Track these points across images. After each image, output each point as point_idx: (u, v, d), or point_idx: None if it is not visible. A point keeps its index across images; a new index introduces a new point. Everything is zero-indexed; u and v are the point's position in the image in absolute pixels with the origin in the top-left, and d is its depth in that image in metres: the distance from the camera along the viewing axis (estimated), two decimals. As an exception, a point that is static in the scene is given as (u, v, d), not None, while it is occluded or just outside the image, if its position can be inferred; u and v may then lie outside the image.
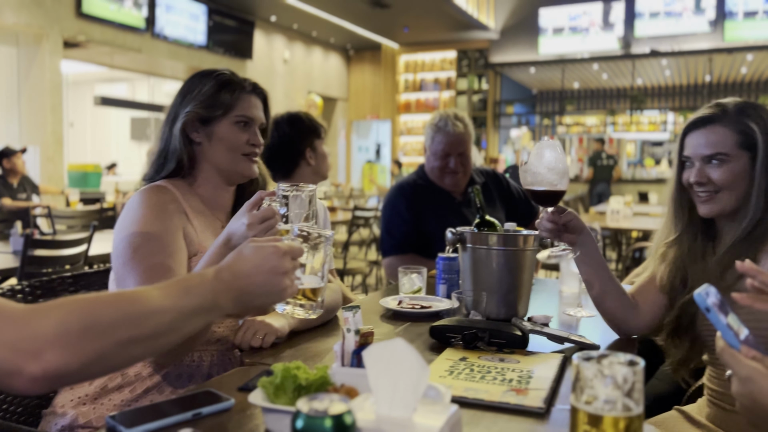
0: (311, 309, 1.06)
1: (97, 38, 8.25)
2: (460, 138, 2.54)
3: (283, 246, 0.94)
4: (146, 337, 0.81)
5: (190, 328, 0.87)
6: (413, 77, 13.57)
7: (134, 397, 1.27)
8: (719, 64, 11.41)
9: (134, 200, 1.34)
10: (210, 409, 0.94)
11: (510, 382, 1.09)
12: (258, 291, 0.91)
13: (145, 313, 0.82)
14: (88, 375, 0.80)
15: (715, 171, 1.35)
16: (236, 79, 1.45)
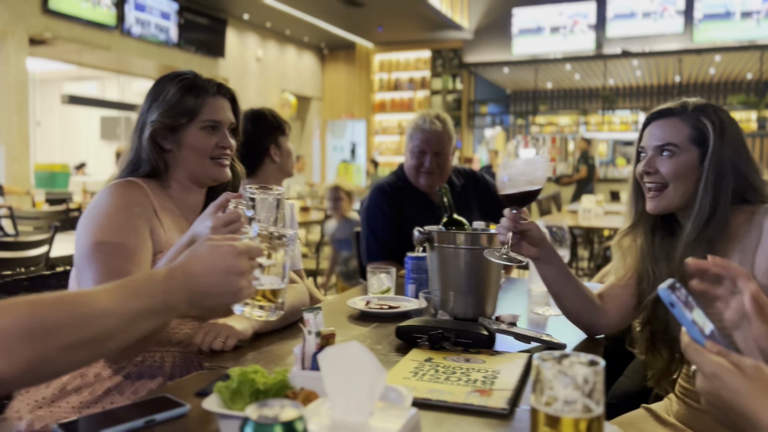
0: (271, 311, 1.02)
1: (65, 35, 8.08)
2: (438, 137, 2.47)
3: (240, 245, 0.91)
4: (90, 341, 0.78)
5: (138, 330, 0.83)
6: (388, 77, 13.56)
7: (94, 399, 1.23)
8: (688, 64, 11.60)
9: (102, 195, 1.32)
10: (164, 415, 0.91)
11: (474, 382, 1.07)
12: (212, 291, 0.88)
13: (88, 315, 0.79)
14: (29, 380, 0.77)
15: (664, 163, 1.37)
16: (200, 83, 1.43)
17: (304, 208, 6.39)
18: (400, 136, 13.57)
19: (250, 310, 1.01)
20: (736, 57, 11.02)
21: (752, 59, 11.06)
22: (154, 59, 9.49)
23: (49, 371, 0.78)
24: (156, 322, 0.86)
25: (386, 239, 2.51)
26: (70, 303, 0.79)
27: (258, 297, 1.00)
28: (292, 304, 1.45)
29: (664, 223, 1.45)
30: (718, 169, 1.33)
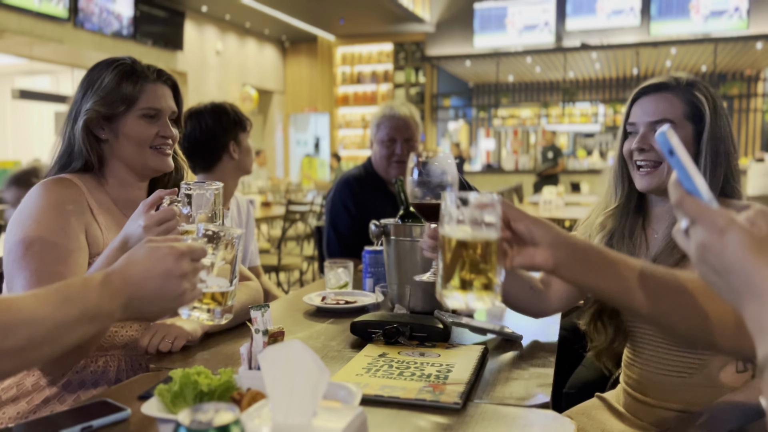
0: (218, 314, 0.98)
1: (14, 28, 7.80)
2: (406, 122, 2.50)
3: (182, 246, 0.87)
4: (18, 349, 0.74)
5: (71, 337, 0.79)
6: (350, 70, 13.48)
7: (31, 409, 1.17)
8: (645, 57, 11.83)
9: (33, 194, 1.24)
10: (102, 421, 0.87)
11: (428, 377, 1.06)
12: (151, 296, 0.85)
13: (15, 323, 0.74)
14: None
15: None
16: (138, 69, 1.36)
17: (266, 203, 6.31)
18: (363, 129, 13.52)
19: (198, 314, 0.96)
20: (691, 50, 11.28)
21: (706, 52, 11.33)
22: (109, 52, 9.23)
23: None
24: (90, 330, 0.81)
25: (347, 234, 2.48)
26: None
27: (205, 300, 0.96)
28: (243, 302, 1.41)
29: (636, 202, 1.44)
30: (714, 147, 1.29)
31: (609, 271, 0.94)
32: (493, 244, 0.86)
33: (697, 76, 1.39)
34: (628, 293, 0.95)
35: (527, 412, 0.95)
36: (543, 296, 1.35)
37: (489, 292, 0.87)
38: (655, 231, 1.40)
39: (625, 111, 1.42)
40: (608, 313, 1.42)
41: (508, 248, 0.93)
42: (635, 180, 1.38)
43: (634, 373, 1.42)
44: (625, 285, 0.94)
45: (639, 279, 0.95)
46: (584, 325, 1.49)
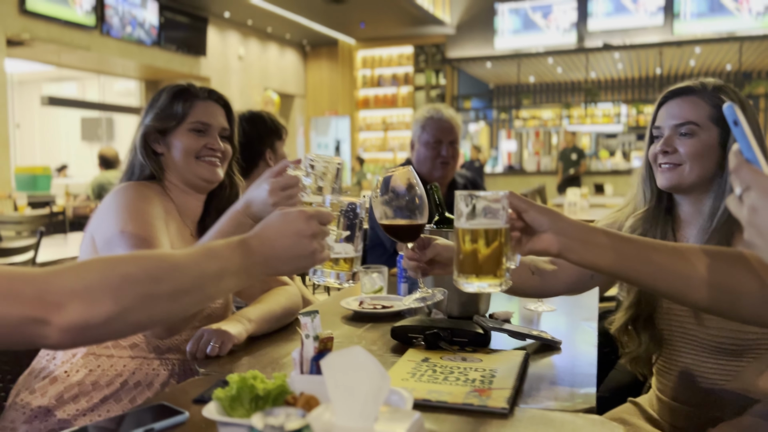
0: (345, 279, 1.08)
1: (43, 36, 7.97)
2: (451, 124, 2.59)
3: (310, 210, 0.95)
4: (168, 294, 0.83)
5: (214, 289, 0.88)
6: (371, 73, 13.53)
7: (90, 407, 1.22)
8: (669, 57, 11.71)
9: (120, 191, 1.34)
10: (163, 424, 0.90)
11: (473, 382, 1.07)
12: (285, 255, 0.93)
13: (167, 270, 0.83)
14: (113, 330, 0.80)
15: (683, 142, 1.33)
16: (191, 89, 1.47)
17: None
18: (384, 132, 13.55)
19: (325, 279, 1.06)
20: (715, 49, 11.14)
21: (731, 51, 11.18)
22: (135, 59, 9.39)
23: (130, 322, 0.81)
24: (231, 284, 0.90)
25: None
26: (147, 258, 0.85)
27: (333, 265, 1.06)
28: (284, 306, 1.46)
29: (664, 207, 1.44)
30: None
31: (609, 250, 1.01)
32: (500, 233, 0.98)
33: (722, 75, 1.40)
34: (632, 269, 1.02)
35: (574, 417, 0.96)
36: (548, 279, 1.37)
37: (500, 277, 1.00)
38: (684, 236, 1.40)
39: (652, 115, 1.42)
40: (642, 321, 1.43)
41: (521, 236, 1.02)
42: (657, 178, 1.39)
43: (668, 380, 1.42)
44: (627, 261, 1.02)
45: (640, 254, 1.02)
46: (615, 331, 1.49)
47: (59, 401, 1.21)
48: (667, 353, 1.42)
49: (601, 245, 1.01)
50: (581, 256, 1.01)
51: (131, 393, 1.25)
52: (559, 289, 1.40)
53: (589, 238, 1.01)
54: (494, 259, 0.98)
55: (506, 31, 11.86)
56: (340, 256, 1.06)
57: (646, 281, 1.04)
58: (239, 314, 1.37)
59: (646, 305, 1.40)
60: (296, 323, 1.53)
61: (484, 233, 0.98)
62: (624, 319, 1.45)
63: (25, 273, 0.77)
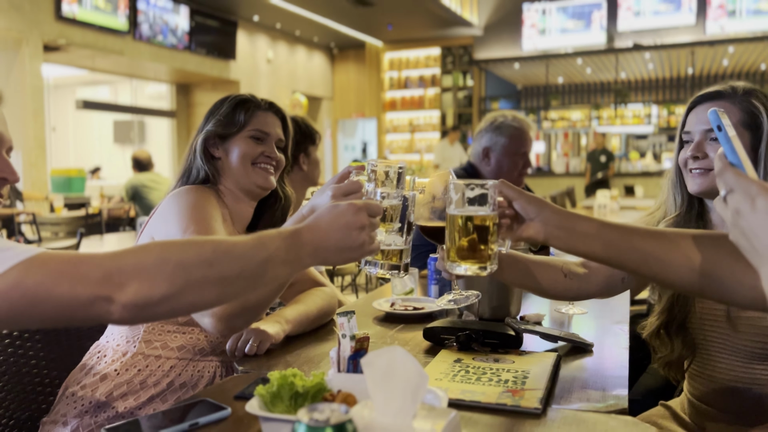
0: (395, 270, 1.11)
1: (78, 41, 8.17)
2: (531, 134, 2.60)
3: (359, 203, 0.98)
4: (219, 279, 0.87)
5: (264, 276, 0.92)
6: (398, 75, 13.56)
7: (138, 405, 1.27)
8: (701, 56, 11.52)
9: (181, 193, 1.40)
10: (207, 419, 0.94)
11: (506, 383, 1.09)
12: (335, 247, 0.96)
13: (219, 255, 0.87)
14: (169, 309, 0.86)
15: (712, 147, 1.32)
16: (253, 100, 1.54)
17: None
18: (410, 134, 13.57)
19: (376, 270, 1.10)
20: (749, 48, 10.92)
21: (766, 50, 10.96)
22: (166, 63, 9.56)
23: (185, 302, 0.86)
24: (282, 272, 0.94)
25: None
26: (200, 243, 0.89)
27: (384, 256, 1.09)
28: (320, 306, 1.50)
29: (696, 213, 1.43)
30: None
31: (594, 237, 1.05)
32: (487, 220, 1.03)
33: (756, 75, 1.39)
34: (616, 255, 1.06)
35: (607, 418, 0.97)
36: (580, 281, 1.36)
37: (484, 261, 1.05)
38: None
39: (681, 120, 1.42)
40: (675, 326, 1.43)
41: (512, 223, 1.08)
42: (688, 184, 1.38)
43: (701, 384, 1.42)
44: (611, 248, 1.05)
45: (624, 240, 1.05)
46: (648, 336, 1.49)
47: (109, 398, 1.26)
48: (700, 358, 1.42)
49: (584, 233, 1.05)
50: (566, 243, 1.06)
51: (176, 393, 1.30)
52: (591, 292, 1.40)
53: (573, 225, 1.05)
54: (480, 243, 1.04)
55: (534, 31, 11.79)
56: (390, 248, 1.10)
57: (630, 266, 1.08)
58: (277, 314, 1.41)
59: (679, 310, 1.41)
60: (332, 323, 1.57)
61: (471, 219, 1.04)
62: (656, 324, 1.45)
63: (91, 256, 0.84)
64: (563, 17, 11.61)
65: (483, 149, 2.61)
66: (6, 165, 1.05)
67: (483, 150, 2.60)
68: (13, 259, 0.81)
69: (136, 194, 6.03)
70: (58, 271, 0.81)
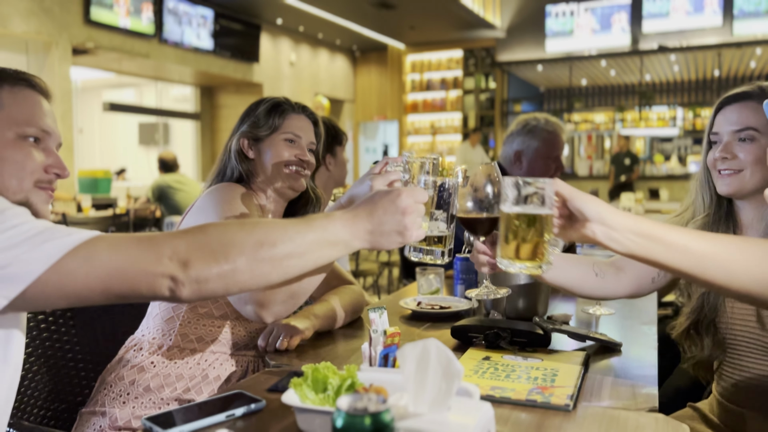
0: (440, 255, 1.15)
1: (106, 45, 8.31)
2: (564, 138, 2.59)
3: (405, 189, 1.01)
4: (270, 258, 0.91)
5: (314, 256, 0.96)
6: (420, 77, 13.57)
7: (175, 396, 1.30)
8: (728, 58, 11.36)
9: (216, 191, 1.44)
10: (243, 410, 0.96)
11: (535, 380, 1.10)
12: (380, 229, 0.99)
13: (270, 236, 0.92)
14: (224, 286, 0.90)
15: (742, 148, 1.32)
16: (287, 103, 1.58)
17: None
18: (432, 136, 13.57)
19: (421, 255, 1.14)
20: (778, 49, 10.76)
21: (795, 51, 10.79)
22: (191, 65, 9.69)
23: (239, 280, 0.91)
24: (330, 254, 0.98)
25: None
26: (253, 225, 0.94)
27: (428, 242, 1.13)
28: (349, 304, 1.53)
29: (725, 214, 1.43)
30: None
31: (656, 241, 1.02)
32: (544, 219, 1.02)
33: None
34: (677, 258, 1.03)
35: (637, 415, 0.98)
36: (611, 280, 1.37)
37: (540, 260, 1.04)
38: None
39: (709, 121, 1.42)
40: (704, 326, 1.42)
41: (565, 223, 1.06)
42: (717, 185, 1.38)
43: (730, 385, 1.41)
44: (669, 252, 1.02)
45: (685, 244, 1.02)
46: (677, 336, 1.49)
47: (145, 389, 1.30)
48: (730, 358, 1.41)
49: (647, 237, 1.02)
50: (622, 245, 1.03)
51: (211, 386, 1.33)
52: (621, 292, 1.41)
53: (632, 227, 1.03)
54: (536, 243, 1.03)
55: (558, 33, 11.72)
56: (434, 234, 1.13)
57: (687, 271, 1.04)
58: (307, 311, 1.43)
59: (709, 310, 1.40)
60: (360, 321, 1.59)
61: (528, 218, 1.03)
62: (686, 324, 1.45)
63: (152, 236, 0.89)
64: (587, 19, 11.53)
65: (515, 152, 2.57)
66: (57, 161, 1.08)
67: (515, 153, 2.56)
68: (81, 238, 0.85)
69: (162, 195, 6.11)
70: (124, 248, 0.86)
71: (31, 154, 1.04)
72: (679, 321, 1.49)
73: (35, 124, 1.05)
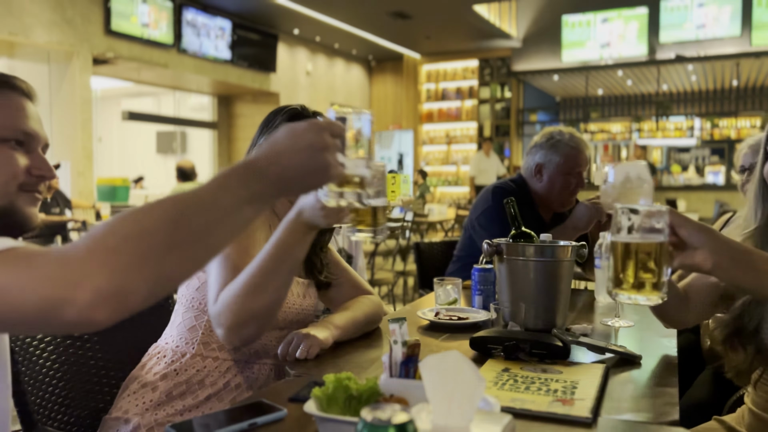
0: (360, 197, 0.97)
1: (125, 55, 8.43)
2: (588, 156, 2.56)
3: (320, 122, 0.88)
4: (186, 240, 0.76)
5: (237, 219, 0.81)
6: (435, 87, 13.61)
7: (196, 404, 1.32)
8: (747, 68, 11.27)
9: None
10: (265, 419, 0.97)
11: (555, 392, 1.10)
12: (299, 171, 0.86)
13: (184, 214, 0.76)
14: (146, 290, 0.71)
15: None
16: (304, 112, 1.57)
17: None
18: (447, 145, 13.58)
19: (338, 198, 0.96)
20: (798, 59, 10.67)
21: (815, 61, 10.68)
22: (209, 75, 9.80)
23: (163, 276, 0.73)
24: (250, 214, 0.83)
25: None
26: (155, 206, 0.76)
27: (346, 184, 0.96)
28: (368, 314, 1.53)
29: None
30: None
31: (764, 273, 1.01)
32: (660, 248, 1.00)
33: None
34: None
35: (658, 429, 0.97)
36: (686, 304, 1.38)
37: (656, 291, 1.02)
38: None
39: (765, 133, 1.42)
40: (747, 335, 1.41)
41: (672, 250, 1.05)
42: None
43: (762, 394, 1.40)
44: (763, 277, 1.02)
45: None
46: (718, 345, 1.47)
47: (168, 396, 1.31)
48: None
49: (755, 268, 1.01)
50: (733, 276, 1.02)
51: (232, 393, 1.35)
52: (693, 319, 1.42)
53: (744, 258, 1.01)
54: (653, 273, 1.01)
55: (574, 43, 11.71)
56: (355, 172, 0.96)
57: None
58: (326, 320, 1.44)
59: (750, 318, 1.39)
60: (378, 330, 1.60)
61: (645, 247, 1.00)
62: (727, 332, 1.44)
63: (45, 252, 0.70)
64: (604, 28, 11.50)
65: (536, 165, 2.54)
66: (43, 162, 1.04)
67: (536, 166, 2.54)
68: None
69: (179, 203, 6.15)
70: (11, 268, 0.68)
71: (13, 157, 1.00)
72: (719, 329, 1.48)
73: (16, 128, 1.01)
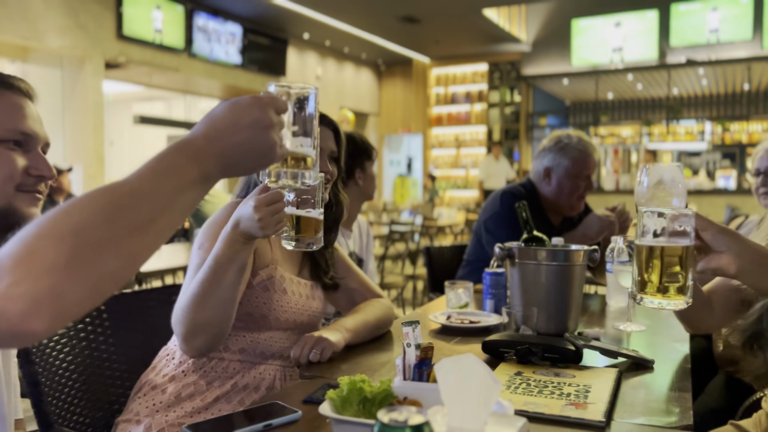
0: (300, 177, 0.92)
1: (137, 59, 8.50)
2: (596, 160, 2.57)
3: (264, 97, 0.82)
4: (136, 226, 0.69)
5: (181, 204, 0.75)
6: (444, 90, 13.63)
7: (204, 405, 1.32)
8: (758, 72, 11.21)
9: (222, 208, 1.44)
10: (280, 420, 0.98)
11: (568, 396, 1.10)
12: (243, 149, 0.79)
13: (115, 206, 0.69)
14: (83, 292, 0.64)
15: None
16: None
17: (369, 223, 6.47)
18: (456, 149, 13.59)
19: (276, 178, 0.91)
20: (809, 63, 10.60)
21: (827, 65, 10.61)
22: (219, 79, 9.85)
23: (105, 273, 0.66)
24: (193, 197, 0.76)
25: None
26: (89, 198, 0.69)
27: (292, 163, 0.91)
28: (379, 317, 1.54)
29: None
30: None
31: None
32: (687, 251, 0.99)
33: None
34: None
35: (672, 433, 0.97)
36: (709, 309, 1.37)
37: (682, 295, 1.02)
38: None
39: None
40: (766, 337, 1.40)
41: (698, 254, 1.04)
42: None
43: None
44: None
45: None
46: (733, 349, 1.47)
47: (177, 398, 1.32)
48: None
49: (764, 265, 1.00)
50: (758, 280, 1.02)
51: (240, 394, 1.35)
52: (715, 324, 1.41)
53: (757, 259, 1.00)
54: (679, 277, 1.01)
55: (584, 47, 11.69)
56: (299, 151, 0.90)
57: None
58: (338, 324, 1.45)
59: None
60: (389, 334, 1.60)
61: (671, 251, 1.00)
62: (745, 336, 1.43)
63: None
64: (614, 32, 11.47)
65: (544, 168, 2.54)
66: (42, 162, 1.03)
67: (544, 170, 2.53)
68: None
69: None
70: None
71: (10, 158, 0.98)
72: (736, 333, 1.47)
73: (14, 128, 0.99)
